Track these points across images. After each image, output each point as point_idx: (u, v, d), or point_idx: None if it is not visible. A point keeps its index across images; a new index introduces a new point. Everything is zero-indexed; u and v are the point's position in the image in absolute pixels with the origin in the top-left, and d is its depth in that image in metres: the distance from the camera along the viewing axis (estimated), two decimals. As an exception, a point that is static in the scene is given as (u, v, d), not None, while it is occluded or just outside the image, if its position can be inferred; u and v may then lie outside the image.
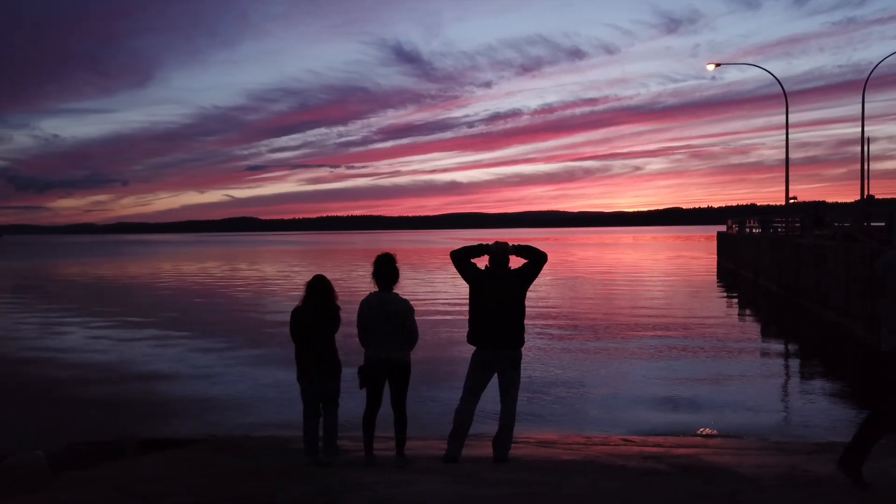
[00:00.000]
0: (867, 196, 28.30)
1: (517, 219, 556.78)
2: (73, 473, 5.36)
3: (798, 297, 21.52)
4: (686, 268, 39.95)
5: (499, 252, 5.57)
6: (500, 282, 5.51)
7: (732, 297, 24.90)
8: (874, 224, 20.40)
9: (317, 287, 5.61)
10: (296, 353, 5.70)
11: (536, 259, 5.62)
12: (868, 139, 29.70)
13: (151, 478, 4.88)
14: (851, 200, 32.68)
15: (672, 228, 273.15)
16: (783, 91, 30.30)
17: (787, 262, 23.55)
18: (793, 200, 33.12)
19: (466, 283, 5.62)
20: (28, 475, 5.23)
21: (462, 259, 5.64)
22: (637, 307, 20.47)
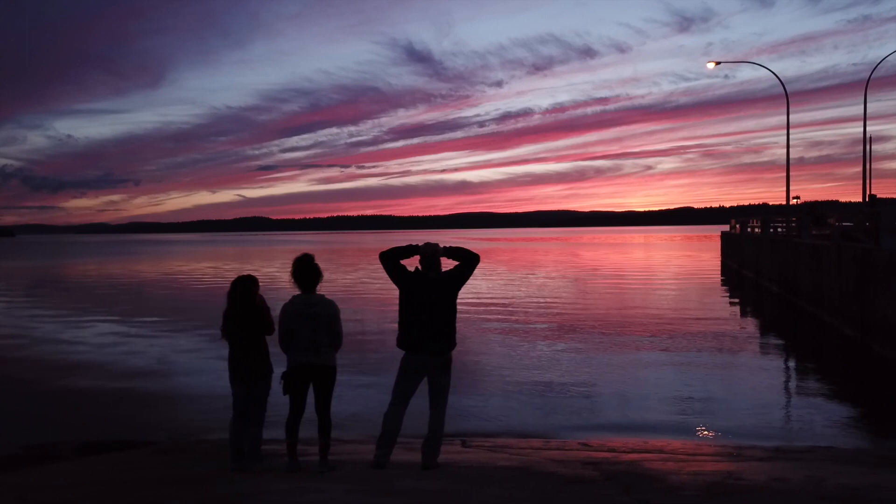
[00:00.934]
0: (870, 196, 27.84)
1: (528, 218, 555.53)
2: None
3: (797, 298, 21.20)
4: (689, 268, 39.53)
5: (429, 254, 5.40)
6: (431, 284, 5.35)
7: (733, 298, 24.56)
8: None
9: (239, 287, 5.50)
10: (229, 356, 5.60)
11: (468, 261, 5.44)
12: (870, 138, 29.23)
13: (61, 484, 4.78)
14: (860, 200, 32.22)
15: (683, 228, 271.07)
16: (784, 90, 29.89)
17: (786, 263, 23.22)
18: (796, 200, 32.68)
19: (396, 286, 5.46)
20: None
21: (391, 260, 5.45)
22: (634, 307, 20.23)
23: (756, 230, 32.41)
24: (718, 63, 31.53)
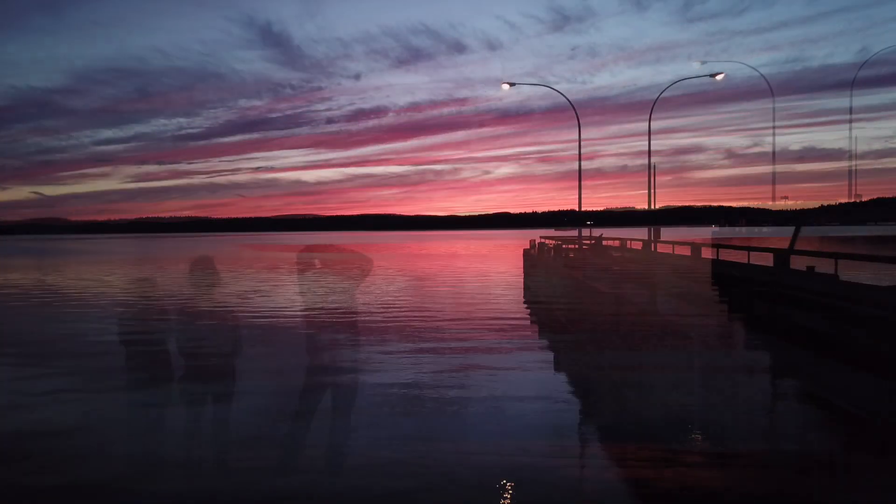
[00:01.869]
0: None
1: (353, 221, 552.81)
2: None
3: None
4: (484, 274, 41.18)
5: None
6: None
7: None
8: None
9: None
10: None
11: None
12: (654, 165, 32.58)
13: None
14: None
15: (511, 233, 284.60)
16: (575, 112, 32.54)
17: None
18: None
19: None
20: None
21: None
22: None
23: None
24: (513, 84, 33.59)
